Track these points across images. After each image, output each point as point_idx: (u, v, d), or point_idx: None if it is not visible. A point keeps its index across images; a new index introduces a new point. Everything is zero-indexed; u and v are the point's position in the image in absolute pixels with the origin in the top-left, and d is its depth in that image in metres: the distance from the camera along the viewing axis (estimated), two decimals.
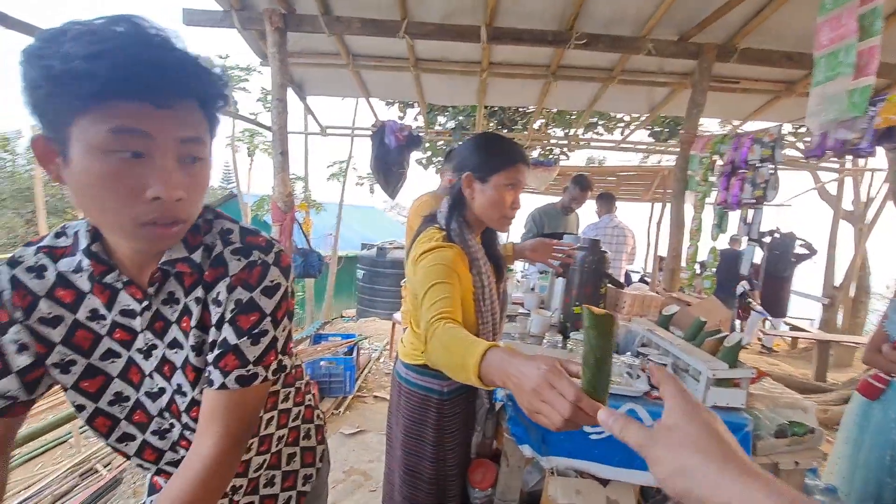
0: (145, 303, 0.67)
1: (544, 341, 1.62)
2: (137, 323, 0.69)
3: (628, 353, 1.54)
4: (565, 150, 6.83)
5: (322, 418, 1.04)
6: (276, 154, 2.55)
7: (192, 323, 0.68)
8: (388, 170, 3.73)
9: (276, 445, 0.90)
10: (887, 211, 6.14)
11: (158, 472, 0.79)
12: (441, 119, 6.34)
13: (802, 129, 5.87)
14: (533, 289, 2.62)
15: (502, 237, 1.53)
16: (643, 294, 1.89)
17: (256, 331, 0.68)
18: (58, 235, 0.69)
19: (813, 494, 1.42)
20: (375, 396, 3.61)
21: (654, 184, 6.74)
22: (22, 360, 0.65)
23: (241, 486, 0.86)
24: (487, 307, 1.22)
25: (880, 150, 2.48)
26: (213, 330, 0.68)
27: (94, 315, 0.68)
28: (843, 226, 6.48)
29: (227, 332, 0.67)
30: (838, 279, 6.42)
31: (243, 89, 7.74)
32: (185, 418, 0.73)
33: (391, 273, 6.95)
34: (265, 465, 0.89)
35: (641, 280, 6.42)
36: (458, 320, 0.95)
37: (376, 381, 3.97)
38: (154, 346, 0.70)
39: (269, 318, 0.69)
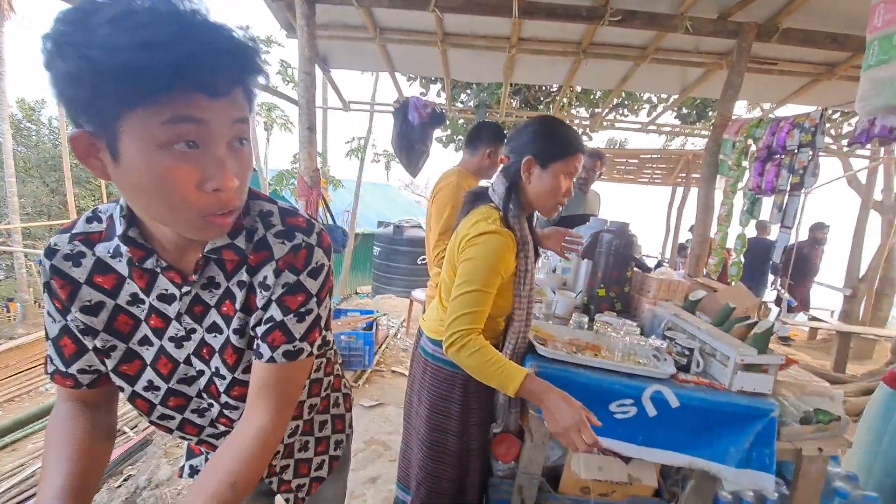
0: (185, 287, 0.67)
1: (571, 322, 1.63)
2: (174, 308, 0.69)
3: (654, 336, 1.55)
4: (588, 130, 6.69)
5: (348, 387, 1.08)
6: (303, 129, 2.56)
7: (237, 306, 0.69)
8: (411, 147, 3.71)
9: (309, 413, 0.93)
10: None
11: (199, 442, 0.83)
12: (463, 96, 6.24)
13: (836, 116, 5.65)
14: (555, 270, 2.62)
15: None
16: (669, 279, 1.88)
17: (303, 310, 0.69)
18: (89, 220, 0.68)
19: (834, 482, 1.42)
20: (393, 371, 3.69)
21: (678, 167, 6.59)
22: (88, 341, 0.68)
23: (278, 451, 0.89)
24: (526, 291, 1.26)
25: None
26: (258, 311, 0.69)
27: (135, 299, 0.68)
28: (872, 216, 6.27)
29: (274, 311, 0.68)
30: (863, 270, 6.26)
31: (263, 62, 7.68)
32: (224, 398, 0.75)
33: (408, 251, 6.98)
34: (299, 431, 0.92)
35: (659, 265, 6.33)
36: (481, 333, 1.15)
37: (393, 356, 4.05)
38: (193, 330, 0.70)
39: (314, 298, 0.71)
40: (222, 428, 0.80)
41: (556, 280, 2.29)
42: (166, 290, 0.68)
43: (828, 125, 5.45)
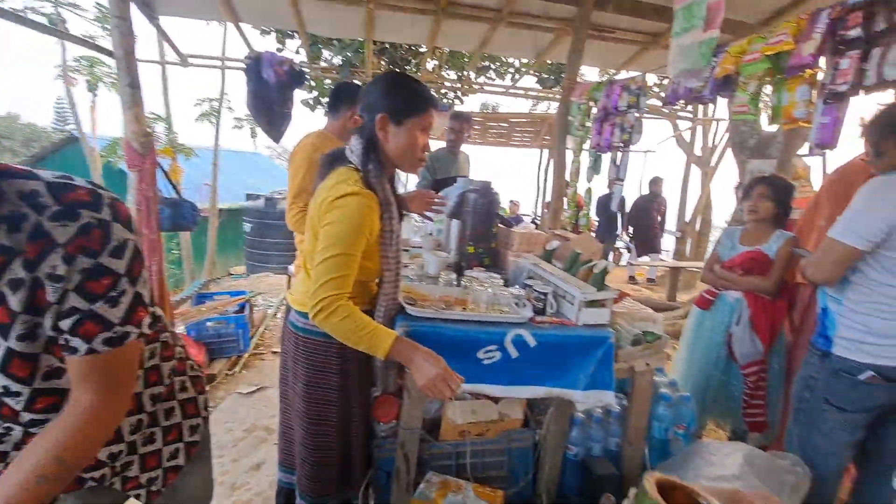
0: None
1: (440, 280, 1.67)
2: None
3: (517, 286, 1.67)
4: (459, 94, 6.80)
5: (197, 369, 1.03)
6: (124, 86, 2.15)
7: (17, 307, 0.59)
8: (270, 109, 3.36)
9: (152, 405, 0.87)
10: (728, 156, 7.25)
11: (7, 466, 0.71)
12: (326, 54, 5.82)
13: (666, 81, 6.52)
14: (431, 233, 2.66)
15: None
16: (530, 232, 2.03)
17: (114, 293, 0.62)
18: None
19: (660, 388, 1.72)
20: (274, 352, 3.49)
21: (543, 131, 7.10)
22: None
23: (120, 452, 0.82)
24: (393, 253, 1.26)
25: (725, 102, 2.87)
26: (54, 306, 0.60)
27: None
28: (694, 169, 7.55)
29: (76, 301, 0.60)
30: (689, 215, 7.59)
31: (73, 5, 6.25)
32: (25, 416, 0.65)
33: (282, 225, 6.48)
34: (143, 426, 0.85)
35: (532, 222, 6.90)
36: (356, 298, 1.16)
37: (274, 336, 3.83)
38: None
39: (124, 279, 0.63)
40: None
41: (431, 242, 2.32)
42: None
43: (658, 90, 6.30)
